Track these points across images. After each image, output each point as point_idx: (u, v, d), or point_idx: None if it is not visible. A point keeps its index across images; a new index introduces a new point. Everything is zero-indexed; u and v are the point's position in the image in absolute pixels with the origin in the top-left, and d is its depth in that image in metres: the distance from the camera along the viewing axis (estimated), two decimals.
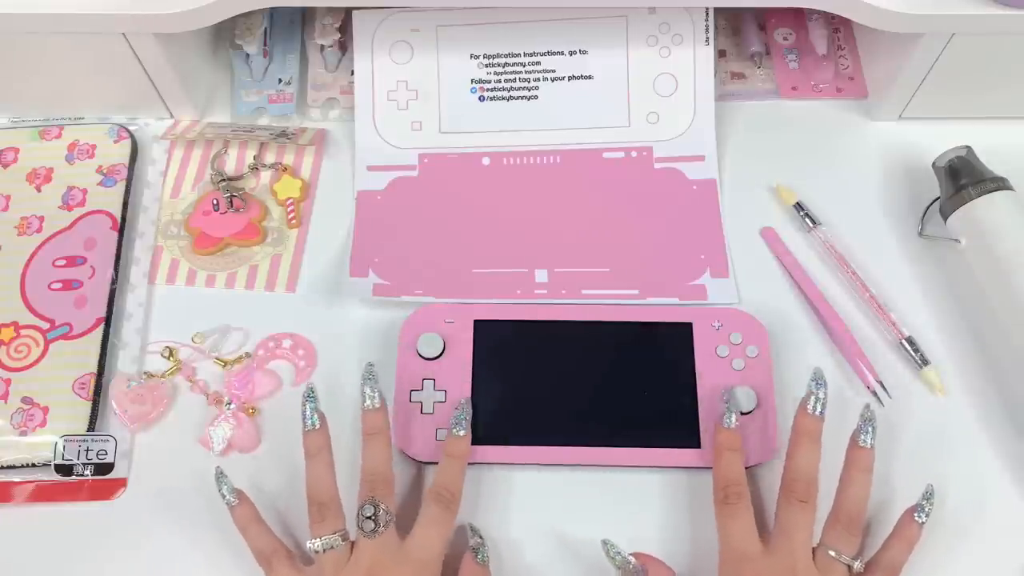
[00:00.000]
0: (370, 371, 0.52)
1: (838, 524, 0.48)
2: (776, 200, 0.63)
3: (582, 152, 0.64)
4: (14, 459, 0.54)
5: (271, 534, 0.50)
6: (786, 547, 0.47)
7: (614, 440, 0.53)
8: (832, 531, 0.48)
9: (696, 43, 0.63)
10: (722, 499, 0.49)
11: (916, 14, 0.55)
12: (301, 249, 0.62)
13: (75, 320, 0.58)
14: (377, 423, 0.51)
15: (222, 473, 0.51)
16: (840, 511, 0.48)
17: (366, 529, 0.47)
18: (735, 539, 0.48)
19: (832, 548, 0.47)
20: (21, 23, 0.56)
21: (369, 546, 0.47)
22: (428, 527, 0.48)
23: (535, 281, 0.59)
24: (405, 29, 0.64)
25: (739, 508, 0.48)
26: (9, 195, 0.62)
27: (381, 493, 0.48)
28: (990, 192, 0.56)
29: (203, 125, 0.66)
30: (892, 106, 0.64)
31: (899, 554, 0.48)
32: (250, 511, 0.50)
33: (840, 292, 0.59)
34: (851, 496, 0.49)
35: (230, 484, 0.50)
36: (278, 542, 0.49)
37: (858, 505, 0.48)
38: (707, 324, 0.56)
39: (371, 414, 0.51)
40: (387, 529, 0.47)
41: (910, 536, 0.49)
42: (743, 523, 0.48)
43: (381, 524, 0.47)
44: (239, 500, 0.50)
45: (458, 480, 0.50)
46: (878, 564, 0.48)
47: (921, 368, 0.56)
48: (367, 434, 0.50)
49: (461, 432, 0.51)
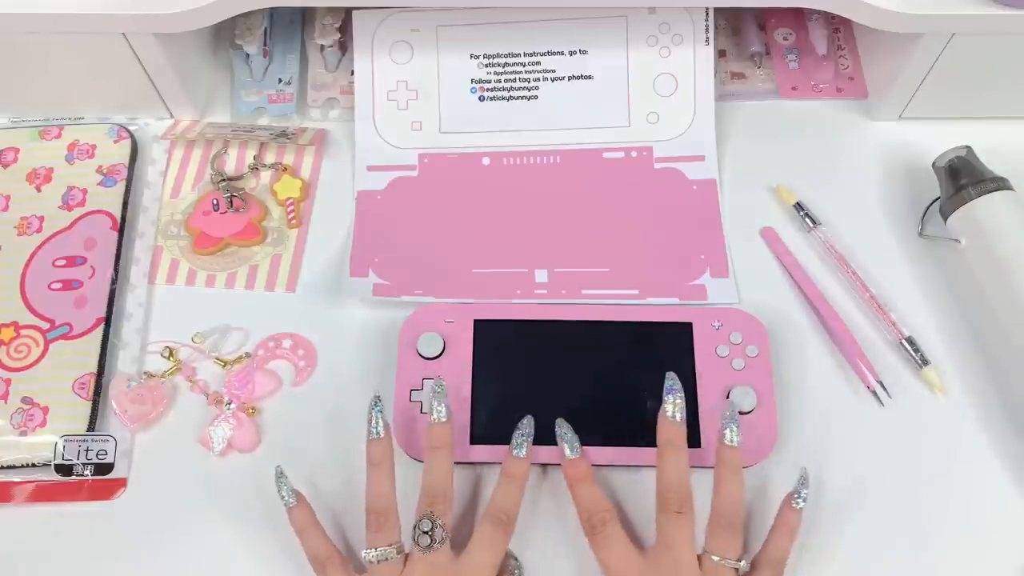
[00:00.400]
0: (439, 384, 0.51)
1: (718, 528, 0.47)
2: (776, 200, 0.63)
3: (582, 152, 0.64)
4: (14, 459, 0.54)
5: (327, 539, 0.49)
6: (668, 560, 0.46)
7: (614, 439, 0.53)
8: (713, 536, 0.47)
9: (696, 43, 0.63)
10: (588, 530, 0.48)
11: (916, 14, 0.55)
12: (301, 249, 0.62)
13: (75, 320, 0.58)
14: (443, 437, 0.50)
15: (282, 473, 0.50)
16: (718, 515, 0.48)
17: (422, 544, 0.47)
18: (612, 565, 0.47)
19: (715, 553, 0.47)
20: (21, 23, 0.56)
21: (422, 561, 0.47)
22: (483, 548, 0.48)
23: (535, 281, 0.59)
24: (405, 29, 0.64)
25: (607, 535, 0.48)
26: (9, 195, 0.62)
27: (440, 509, 0.48)
28: (990, 192, 0.56)
29: (203, 125, 0.66)
30: (892, 106, 0.64)
31: (782, 545, 0.48)
32: (308, 514, 0.50)
33: (840, 292, 0.59)
34: (725, 497, 0.48)
35: (289, 485, 0.50)
36: (333, 547, 0.49)
37: (734, 505, 0.48)
38: (707, 324, 0.56)
39: (438, 428, 0.50)
40: (442, 546, 0.47)
41: (790, 523, 0.49)
42: (617, 549, 0.47)
43: (437, 541, 0.47)
44: (298, 502, 0.50)
45: (516, 501, 0.49)
46: (762, 559, 0.48)
47: (921, 368, 0.56)
48: (431, 448, 0.50)
49: (522, 453, 0.50)
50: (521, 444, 0.50)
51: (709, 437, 0.53)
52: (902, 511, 0.52)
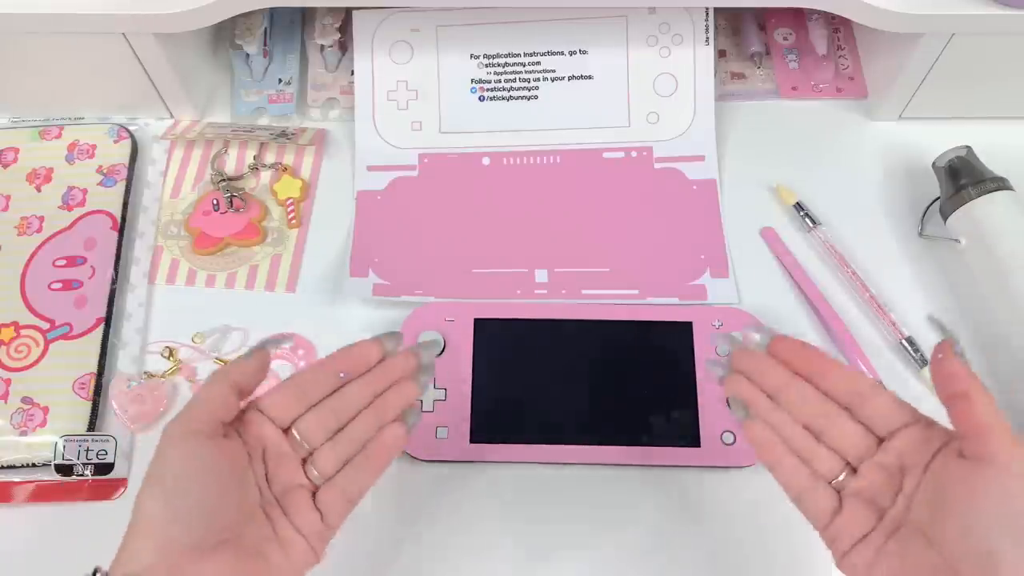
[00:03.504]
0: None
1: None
2: (776, 200, 0.63)
3: (582, 152, 0.64)
4: (14, 459, 0.54)
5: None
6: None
7: (614, 439, 0.53)
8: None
9: (696, 43, 0.63)
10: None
11: (916, 14, 0.55)
12: (301, 249, 0.62)
13: (75, 320, 0.57)
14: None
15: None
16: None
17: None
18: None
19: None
20: (21, 23, 0.56)
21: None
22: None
23: (535, 281, 0.59)
24: (405, 29, 0.64)
25: None
26: (9, 195, 0.62)
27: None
28: (990, 192, 0.56)
29: (203, 125, 0.66)
30: (892, 106, 0.64)
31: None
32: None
33: (840, 292, 0.59)
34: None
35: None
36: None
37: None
38: (707, 324, 0.56)
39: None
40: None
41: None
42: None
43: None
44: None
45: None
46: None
47: (921, 368, 0.56)
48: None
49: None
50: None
51: (709, 437, 0.53)
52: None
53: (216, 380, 0.42)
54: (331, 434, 0.44)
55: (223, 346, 0.58)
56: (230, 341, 0.58)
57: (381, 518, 0.52)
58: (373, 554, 0.51)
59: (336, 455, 0.43)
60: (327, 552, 0.43)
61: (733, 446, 0.53)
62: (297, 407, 0.43)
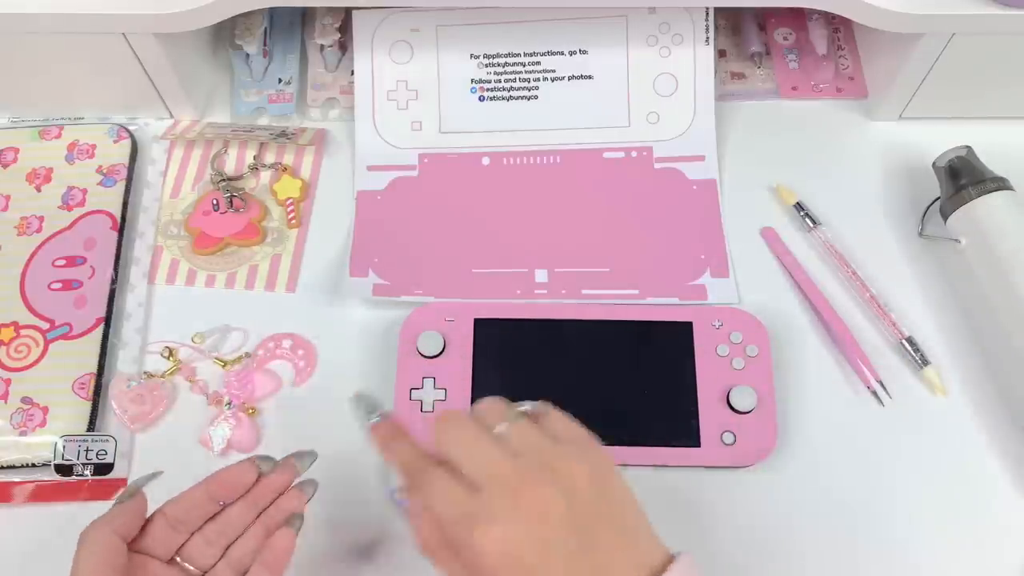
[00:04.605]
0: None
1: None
2: (776, 200, 0.63)
3: (582, 152, 0.64)
4: (14, 459, 0.54)
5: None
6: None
7: (614, 439, 0.53)
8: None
9: (696, 43, 0.63)
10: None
11: (916, 14, 0.55)
12: (301, 249, 0.62)
13: (75, 320, 0.57)
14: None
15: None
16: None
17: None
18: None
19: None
20: (21, 23, 0.56)
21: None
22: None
23: (535, 281, 0.59)
24: (405, 29, 0.64)
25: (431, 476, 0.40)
26: (9, 195, 0.62)
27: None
28: (990, 192, 0.56)
29: (203, 125, 0.66)
30: (892, 106, 0.64)
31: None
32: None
33: (840, 292, 0.59)
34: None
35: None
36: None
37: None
38: (707, 323, 0.56)
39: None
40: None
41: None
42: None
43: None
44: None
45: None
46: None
47: (921, 368, 0.56)
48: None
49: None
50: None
51: (709, 437, 0.53)
52: (902, 511, 0.52)
53: (98, 531, 0.42)
54: (222, 551, 0.45)
55: (223, 346, 0.58)
56: (230, 341, 0.58)
57: (381, 518, 0.52)
58: (373, 554, 0.51)
59: (233, 570, 0.45)
60: (325, 553, 0.42)
61: (733, 446, 0.53)
62: (177, 536, 0.44)
